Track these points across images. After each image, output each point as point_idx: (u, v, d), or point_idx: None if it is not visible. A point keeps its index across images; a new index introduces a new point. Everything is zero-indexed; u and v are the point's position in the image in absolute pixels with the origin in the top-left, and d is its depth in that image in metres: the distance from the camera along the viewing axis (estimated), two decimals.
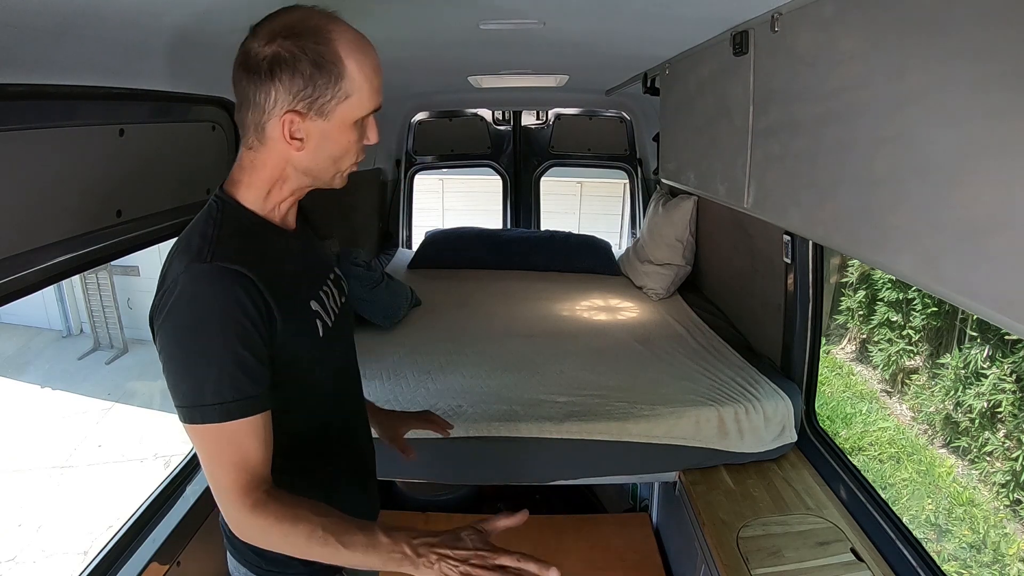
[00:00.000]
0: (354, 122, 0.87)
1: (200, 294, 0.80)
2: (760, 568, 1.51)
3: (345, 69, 0.84)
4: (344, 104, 0.85)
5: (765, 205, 1.38)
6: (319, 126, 0.86)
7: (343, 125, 0.87)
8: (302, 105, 0.84)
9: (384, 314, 2.62)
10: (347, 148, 0.90)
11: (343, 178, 0.95)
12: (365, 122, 0.90)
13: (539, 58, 2.11)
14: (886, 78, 0.91)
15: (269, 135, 0.86)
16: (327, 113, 0.85)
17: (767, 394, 1.95)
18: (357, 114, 0.87)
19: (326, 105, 0.84)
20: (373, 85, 0.87)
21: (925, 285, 0.86)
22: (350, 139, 0.89)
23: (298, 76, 0.82)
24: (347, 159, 0.92)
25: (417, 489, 2.65)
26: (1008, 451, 4.49)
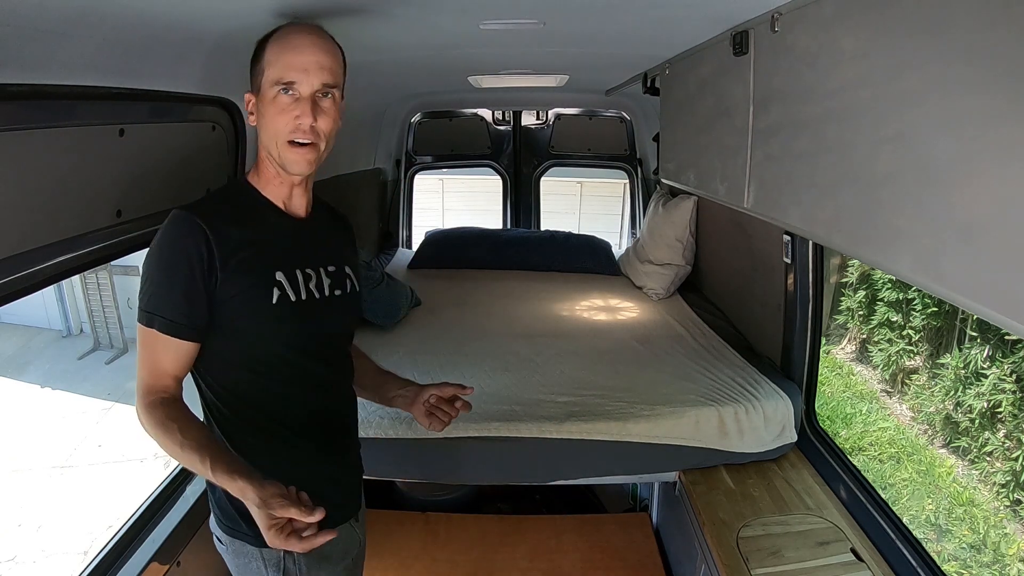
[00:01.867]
0: (274, 94, 1.02)
1: (164, 231, 1.01)
2: (760, 568, 1.51)
3: (264, 50, 1.04)
4: (264, 78, 1.03)
5: (765, 205, 1.38)
6: (259, 104, 1.05)
7: (266, 96, 1.03)
8: (253, 86, 1.06)
9: (384, 314, 2.62)
10: (273, 120, 1.03)
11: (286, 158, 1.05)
12: (291, 96, 1.02)
13: (539, 58, 2.11)
14: (886, 78, 0.91)
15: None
16: (258, 88, 1.04)
17: (767, 394, 1.95)
18: (269, 85, 1.02)
19: (257, 81, 1.04)
20: (285, 59, 1.01)
21: (925, 285, 0.86)
22: (272, 109, 1.03)
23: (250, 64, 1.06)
24: (276, 131, 1.04)
25: (417, 489, 2.65)
26: (1008, 451, 4.49)
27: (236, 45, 1.50)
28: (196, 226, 0.99)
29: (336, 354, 1.20)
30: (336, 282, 1.15)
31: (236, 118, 1.82)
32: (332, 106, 1.05)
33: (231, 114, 1.79)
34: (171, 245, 0.99)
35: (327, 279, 1.13)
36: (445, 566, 2.15)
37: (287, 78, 1.01)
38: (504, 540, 2.28)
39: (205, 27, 1.24)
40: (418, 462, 1.91)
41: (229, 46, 1.38)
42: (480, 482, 2.33)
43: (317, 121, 1.03)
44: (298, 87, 1.01)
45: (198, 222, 0.99)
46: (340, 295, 1.16)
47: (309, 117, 1.02)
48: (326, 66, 1.03)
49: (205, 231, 0.99)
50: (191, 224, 0.99)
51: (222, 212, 1.03)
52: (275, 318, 1.05)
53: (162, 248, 0.99)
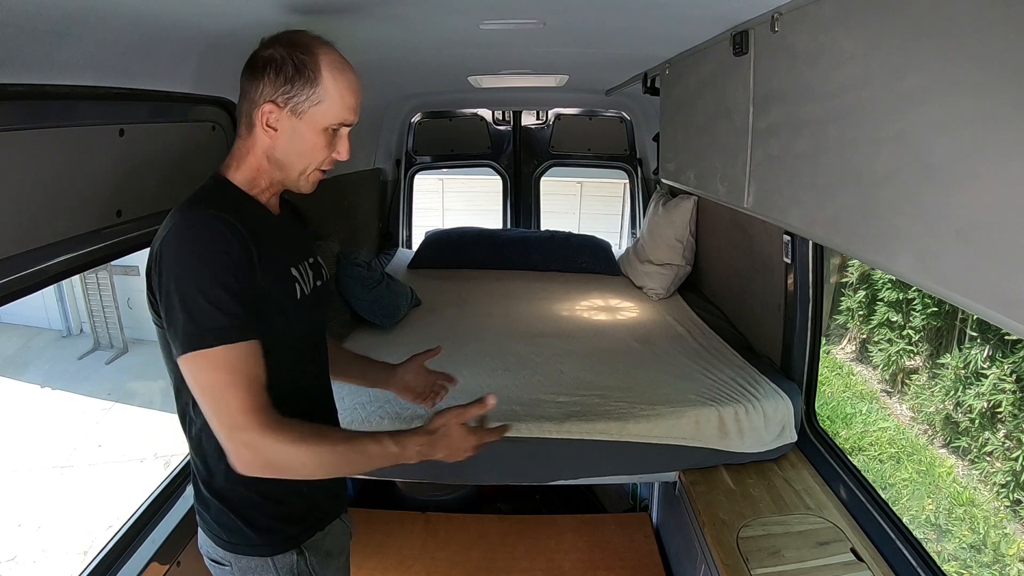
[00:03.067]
0: (323, 128, 1.02)
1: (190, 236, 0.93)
2: (760, 568, 1.51)
3: (321, 79, 0.99)
4: (316, 108, 1.00)
5: (765, 205, 1.38)
6: (291, 122, 1.01)
7: (312, 127, 1.01)
8: (280, 99, 0.99)
9: (384, 314, 2.62)
10: (313, 149, 1.03)
11: (309, 181, 1.08)
12: (336, 134, 1.04)
13: (539, 58, 2.11)
14: (886, 78, 0.91)
15: (254, 123, 1.01)
16: (300, 112, 1.00)
17: (767, 394, 1.95)
18: (325, 121, 1.01)
19: (300, 104, 1.00)
20: (345, 101, 1.02)
21: (925, 285, 0.86)
22: (317, 142, 1.02)
23: (282, 75, 0.98)
24: (312, 160, 1.04)
25: (417, 489, 2.65)
26: (1008, 451, 4.48)
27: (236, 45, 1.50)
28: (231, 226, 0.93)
29: (323, 343, 1.22)
30: (317, 273, 1.17)
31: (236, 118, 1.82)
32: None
33: (231, 114, 1.79)
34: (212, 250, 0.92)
35: (311, 271, 1.15)
36: (445, 566, 2.15)
37: (349, 120, 1.03)
38: (504, 540, 2.28)
39: (205, 27, 1.24)
40: (418, 462, 1.91)
41: (229, 46, 1.38)
42: (480, 482, 2.33)
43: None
44: (348, 127, 1.05)
45: (230, 220, 0.94)
46: (321, 285, 1.18)
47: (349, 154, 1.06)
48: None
49: (239, 229, 0.94)
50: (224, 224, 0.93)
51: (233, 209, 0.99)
52: (296, 313, 1.06)
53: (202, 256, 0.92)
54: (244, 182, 1.05)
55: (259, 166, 1.04)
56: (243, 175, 1.05)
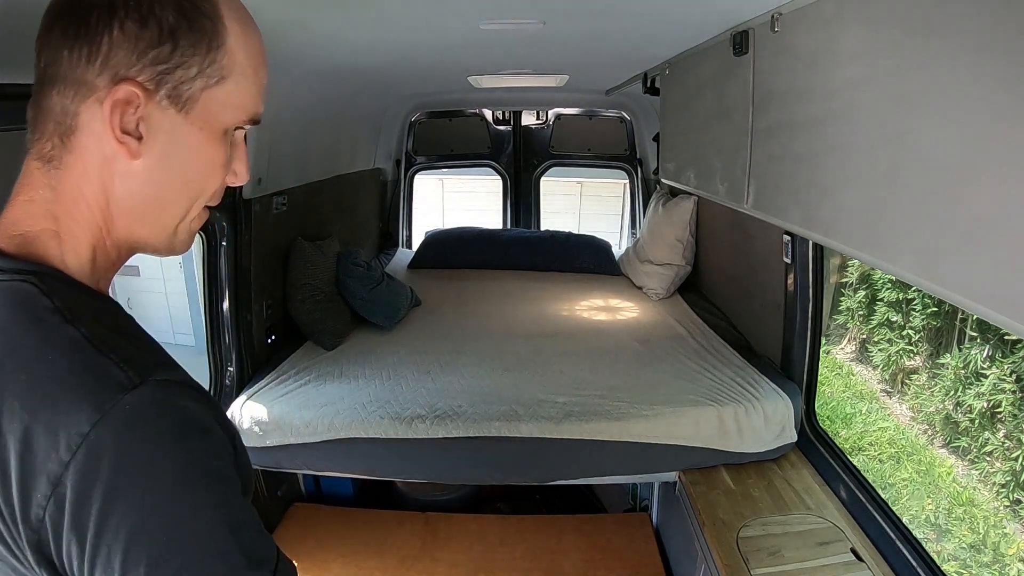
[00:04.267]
0: (224, 129, 0.56)
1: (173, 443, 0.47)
2: (760, 568, 1.51)
3: (227, 37, 0.53)
4: (216, 90, 0.53)
5: (765, 205, 1.38)
6: (171, 121, 0.53)
7: (209, 129, 0.54)
8: (148, 74, 0.50)
9: (384, 314, 2.62)
10: (210, 173, 0.56)
11: (191, 231, 0.59)
12: (234, 140, 0.58)
13: (539, 58, 2.11)
14: (886, 78, 0.91)
15: (82, 127, 0.52)
16: (188, 99, 0.52)
17: (767, 394, 1.95)
18: (230, 114, 0.55)
19: (186, 84, 0.52)
20: (258, 76, 0.57)
21: (925, 285, 0.86)
22: (216, 157, 0.56)
23: (152, 22, 0.50)
24: (205, 192, 0.57)
25: (417, 489, 2.65)
26: (1008, 451, 4.48)
27: None
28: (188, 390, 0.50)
29: None
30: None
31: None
32: None
33: None
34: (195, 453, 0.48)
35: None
36: (445, 566, 2.15)
37: (260, 112, 0.58)
38: (504, 540, 2.28)
39: None
40: (418, 462, 1.91)
41: None
42: (480, 482, 2.33)
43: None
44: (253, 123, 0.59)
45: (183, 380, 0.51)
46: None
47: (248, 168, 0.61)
48: None
49: (201, 390, 0.52)
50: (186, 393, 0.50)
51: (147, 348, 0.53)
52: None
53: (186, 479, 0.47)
54: (82, 261, 0.54)
55: (100, 221, 0.54)
56: (77, 248, 0.54)
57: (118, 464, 0.44)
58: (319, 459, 1.92)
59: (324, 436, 1.87)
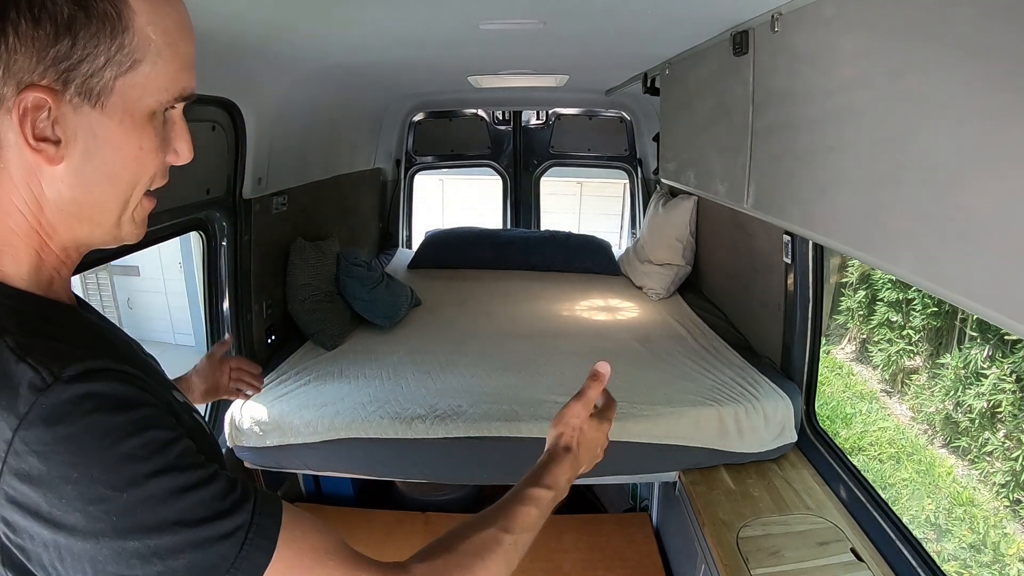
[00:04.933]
0: (149, 113, 0.53)
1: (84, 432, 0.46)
2: (760, 568, 1.51)
3: (132, 18, 0.50)
4: (130, 76, 0.51)
5: (765, 205, 1.38)
6: (87, 117, 0.51)
7: (130, 117, 0.52)
8: (53, 74, 0.49)
9: (384, 314, 2.62)
10: (140, 160, 0.54)
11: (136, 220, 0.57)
12: (169, 119, 0.56)
13: (539, 58, 2.11)
14: (886, 78, 0.91)
15: (2, 141, 0.50)
16: (99, 92, 0.50)
17: (767, 394, 1.95)
18: (152, 98, 0.53)
19: (96, 76, 0.50)
20: (179, 51, 0.53)
21: (925, 285, 0.86)
22: (144, 144, 0.54)
23: (46, 18, 0.47)
24: (140, 181, 0.55)
25: (417, 489, 2.65)
26: (1008, 451, 4.48)
27: (237, 45, 1.50)
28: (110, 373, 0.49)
29: None
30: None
31: (236, 118, 1.82)
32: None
33: (231, 114, 1.79)
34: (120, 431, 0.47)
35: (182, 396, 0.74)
36: None
37: (189, 87, 0.56)
38: None
39: (205, 27, 1.24)
40: (418, 462, 1.91)
41: (229, 45, 1.38)
42: (480, 482, 2.33)
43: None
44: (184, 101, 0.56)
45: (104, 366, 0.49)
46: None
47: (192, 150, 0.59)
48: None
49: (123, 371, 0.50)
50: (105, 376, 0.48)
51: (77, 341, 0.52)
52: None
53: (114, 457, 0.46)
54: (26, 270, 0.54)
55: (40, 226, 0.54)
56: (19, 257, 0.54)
57: (48, 464, 0.44)
58: (319, 459, 1.92)
59: (324, 436, 1.87)
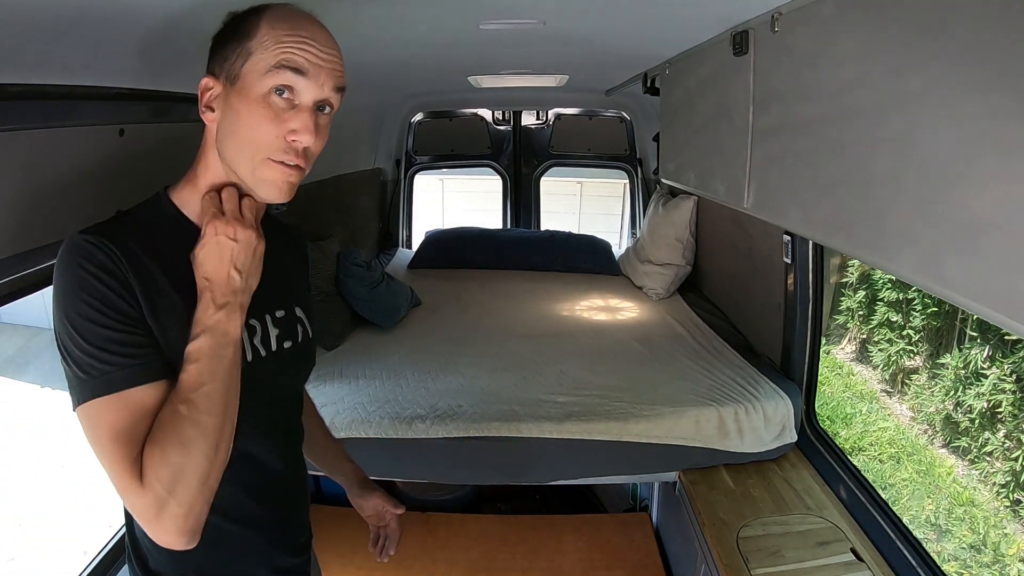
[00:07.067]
0: (262, 93, 0.74)
1: (58, 267, 0.71)
2: (760, 568, 1.51)
3: (256, 28, 0.75)
4: (247, 65, 0.75)
5: (765, 205, 1.38)
6: (228, 93, 0.76)
7: (248, 93, 0.75)
8: (216, 67, 0.77)
9: (384, 314, 2.62)
10: (255, 128, 0.75)
11: (259, 179, 0.77)
12: (287, 101, 0.75)
13: (539, 58, 2.11)
14: (886, 78, 0.91)
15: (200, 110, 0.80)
16: (234, 76, 0.75)
17: (767, 394, 1.95)
18: (260, 77, 0.74)
19: (232, 66, 0.75)
20: (291, 47, 0.74)
21: (925, 285, 0.86)
22: (257, 115, 0.74)
23: (219, 40, 0.78)
24: (262, 141, 0.75)
25: (417, 489, 2.65)
26: (1008, 451, 4.48)
27: None
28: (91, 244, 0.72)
29: (282, 423, 0.93)
30: (285, 331, 0.90)
31: None
32: (327, 124, 0.80)
33: None
34: (66, 278, 0.71)
35: (274, 328, 0.88)
36: (445, 566, 2.15)
37: (291, 77, 0.74)
38: (504, 540, 2.28)
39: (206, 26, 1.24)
40: (418, 462, 1.91)
41: None
42: (480, 482, 2.33)
43: (314, 141, 0.77)
44: (301, 91, 0.75)
45: (95, 239, 0.72)
46: (290, 348, 0.90)
47: (311, 134, 0.76)
48: (338, 69, 0.78)
49: (106, 246, 0.72)
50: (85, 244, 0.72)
51: (139, 238, 0.76)
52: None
53: (71, 289, 0.71)
54: (190, 204, 0.82)
55: (210, 173, 0.81)
56: (190, 194, 0.82)
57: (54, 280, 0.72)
58: None
59: None
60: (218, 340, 0.74)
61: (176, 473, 0.69)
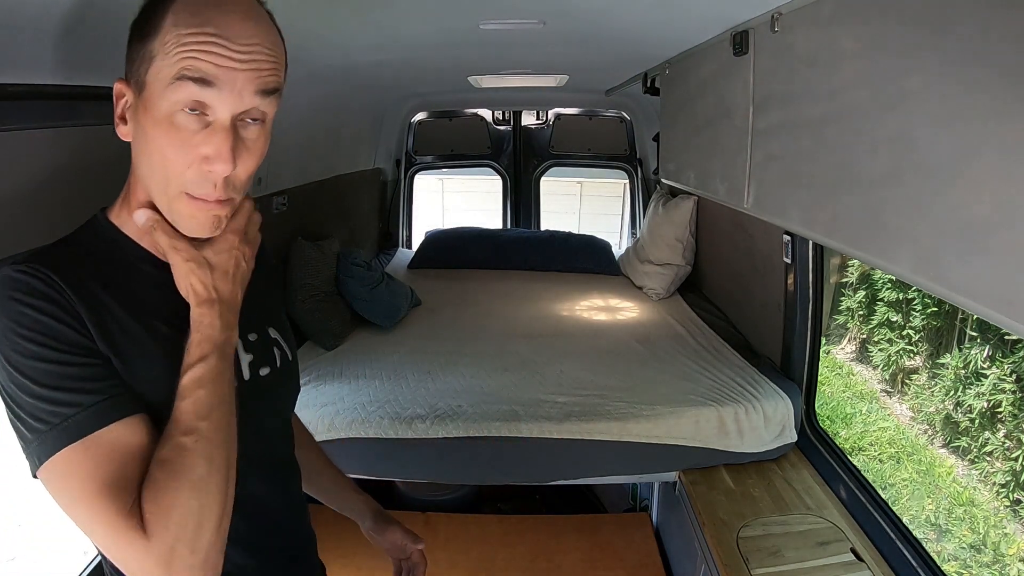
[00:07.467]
0: (168, 112, 0.60)
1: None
2: (760, 568, 1.51)
3: (160, 24, 0.60)
4: (151, 72, 0.60)
5: (765, 205, 1.38)
6: (137, 105, 0.63)
7: (153, 110, 0.60)
8: (128, 70, 0.64)
9: (384, 314, 2.62)
10: (163, 154, 0.61)
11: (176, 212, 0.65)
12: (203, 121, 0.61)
13: (539, 58, 2.11)
14: (886, 78, 0.91)
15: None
16: (141, 84, 0.62)
17: (767, 394, 1.95)
18: (160, 94, 0.60)
19: (138, 71, 0.62)
20: (184, 48, 0.58)
21: (925, 285, 0.86)
22: (163, 139, 0.61)
23: (131, 34, 0.64)
24: (170, 177, 0.62)
25: (417, 489, 2.65)
26: (1008, 451, 4.48)
27: None
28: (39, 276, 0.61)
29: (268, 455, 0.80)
30: (261, 357, 0.78)
31: None
32: (261, 137, 0.65)
33: None
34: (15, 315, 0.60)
35: (247, 354, 0.76)
36: (445, 566, 2.15)
37: (196, 91, 0.59)
38: (504, 540, 2.28)
39: None
40: (418, 462, 1.91)
41: None
42: (480, 482, 2.33)
43: (237, 166, 0.63)
44: (214, 106, 0.60)
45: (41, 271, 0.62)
46: (268, 375, 0.78)
47: (226, 162, 0.61)
48: (264, 67, 0.61)
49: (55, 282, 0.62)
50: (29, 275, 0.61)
51: (79, 265, 0.65)
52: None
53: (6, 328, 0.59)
54: (126, 220, 0.71)
55: (137, 188, 0.69)
56: (124, 210, 0.71)
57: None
58: None
59: (324, 436, 1.87)
60: (226, 361, 0.66)
61: (190, 517, 0.59)
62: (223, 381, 0.65)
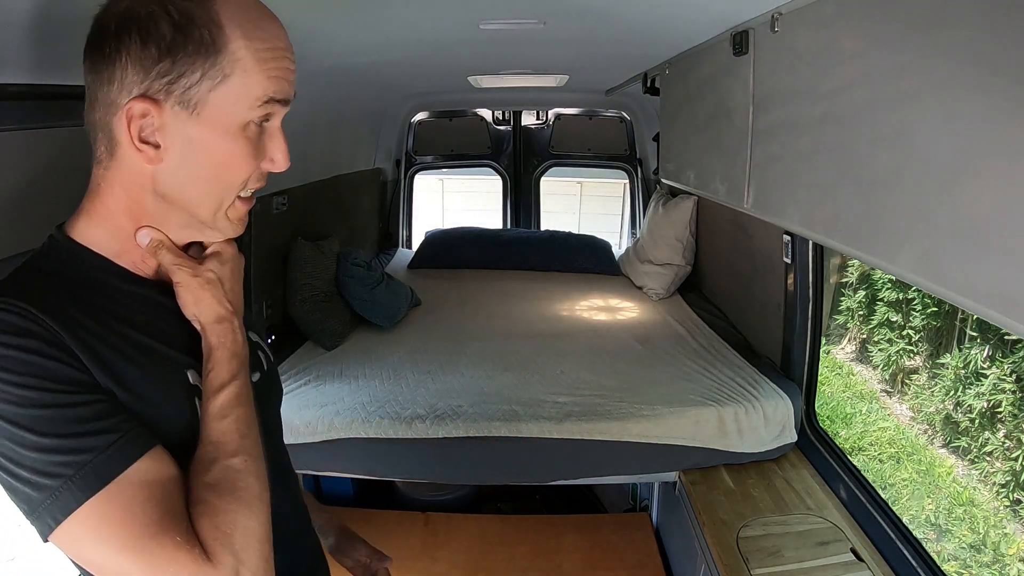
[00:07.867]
0: (241, 124, 0.61)
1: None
2: (760, 568, 1.51)
3: (222, 37, 0.58)
4: (221, 91, 0.59)
5: (765, 205, 1.38)
6: (184, 125, 0.59)
7: (222, 125, 0.60)
8: (157, 87, 0.58)
9: (384, 314, 2.62)
10: (233, 167, 0.62)
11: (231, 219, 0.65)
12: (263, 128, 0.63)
13: (539, 58, 2.12)
14: (886, 78, 0.91)
15: (116, 139, 0.61)
16: (195, 103, 0.59)
17: (767, 394, 1.95)
18: (243, 110, 0.60)
19: (193, 89, 0.58)
20: (268, 66, 0.60)
21: (925, 285, 0.86)
22: (234, 151, 0.61)
23: (152, 43, 0.57)
24: (231, 182, 0.63)
25: (417, 489, 2.65)
26: (1008, 451, 4.48)
27: None
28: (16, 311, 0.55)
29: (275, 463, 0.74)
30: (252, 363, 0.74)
31: None
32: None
33: None
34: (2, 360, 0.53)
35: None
36: (445, 566, 2.15)
37: (283, 95, 0.62)
38: (504, 540, 2.28)
39: None
40: (418, 462, 1.91)
41: None
42: (480, 482, 2.33)
43: None
44: (277, 115, 0.64)
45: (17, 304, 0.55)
46: (259, 380, 0.76)
47: (288, 158, 0.65)
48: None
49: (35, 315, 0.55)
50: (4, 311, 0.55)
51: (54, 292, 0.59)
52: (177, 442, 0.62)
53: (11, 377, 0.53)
54: (106, 238, 0.64)
55: (133, 211, 0.64)
56: (105, 228, 0.64)
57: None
58: (319, 459, 1.92)
59: (324, 436, 1.87)
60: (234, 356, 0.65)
61: (251, 537, 0.58)
62: (250, 397, 0.65)
